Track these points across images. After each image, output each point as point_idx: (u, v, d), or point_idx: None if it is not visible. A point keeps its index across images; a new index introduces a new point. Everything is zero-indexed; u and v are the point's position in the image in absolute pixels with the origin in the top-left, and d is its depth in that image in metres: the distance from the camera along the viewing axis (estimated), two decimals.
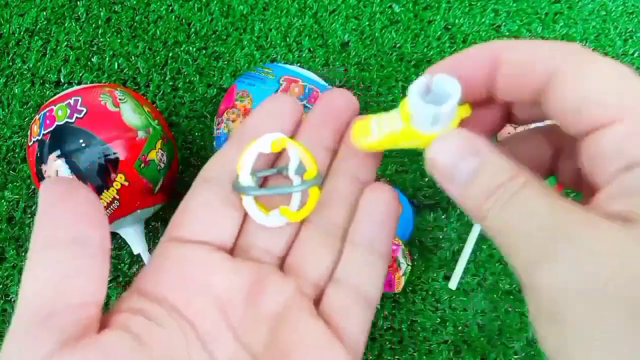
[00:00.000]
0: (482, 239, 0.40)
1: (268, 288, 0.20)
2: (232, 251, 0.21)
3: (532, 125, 0.21)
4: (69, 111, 0.33)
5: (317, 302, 0.21)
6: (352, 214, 0.21)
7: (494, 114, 0.20)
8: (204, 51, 0.45)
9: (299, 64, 0.45)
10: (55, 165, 0.33)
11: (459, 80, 0.17)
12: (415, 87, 0.18)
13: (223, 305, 0.19)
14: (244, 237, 0.21)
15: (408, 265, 0.37)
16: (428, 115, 0.17)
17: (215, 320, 0.18)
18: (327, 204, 0.21)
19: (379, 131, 0.20)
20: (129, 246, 0.39)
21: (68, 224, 0.17)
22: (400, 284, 0.36)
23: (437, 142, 0.18)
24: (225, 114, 0.36)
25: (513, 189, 0.16)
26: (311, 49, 0.45)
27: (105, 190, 0.33)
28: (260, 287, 0.19)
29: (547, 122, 0.20)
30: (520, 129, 0.31)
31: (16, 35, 0.46)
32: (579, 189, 0.20)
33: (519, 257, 0.15)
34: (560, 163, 0.20)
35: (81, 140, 0.33)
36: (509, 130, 0.35)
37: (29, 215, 0.41)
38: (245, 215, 0.21)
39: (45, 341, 0.15)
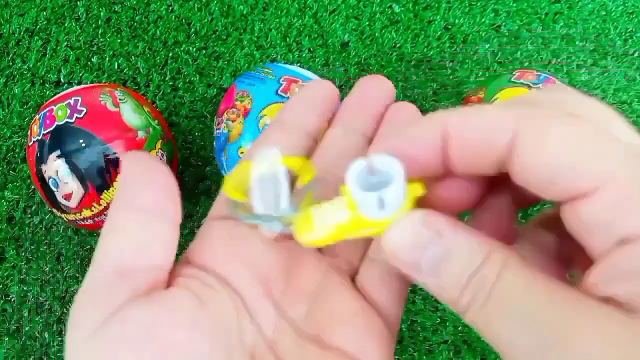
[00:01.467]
0: None
1: (305, 265, 0.20)
2: None
3: None
4: (69, 111, 0.33)
5: (352, 278, 0.21)
6: None
7: (464, 186, 0.17)
8: (204, 51, 0.45)
9: (299, 64, 0.45)
10: (55, 165, 0.33)
11: (402, 159, 0.15)
12: (354, 172, 0.16)
13: (266, 279, 0.19)
14: None
15: None
16: (372, 201, 0.15)
17: (260, 294, 0.19)
18: None
19: (323, 225, 0.17)
20: None
21: (150, 194, 0.18)
22: None
23: (392, 231, 0.16)
24: (225, 114, 0.36)
25: (489, 280, 0.14)
26: (311, 49, 0.45)
27: (105, 190, 0.33)
28: (298, 264, 0.20)
29: None
30: None
31: (16, 35, 0.46)
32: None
33: None
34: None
35: (81, 140, 0.33)
36: None
37: (29, 215, 0.41)
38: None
39: (121, 292, 0.16)
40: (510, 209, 0.18)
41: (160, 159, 0.36)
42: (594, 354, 0.12)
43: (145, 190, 0.18)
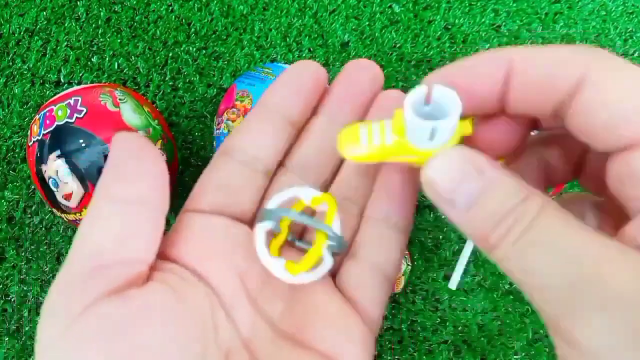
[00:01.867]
0: None
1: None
2: (251, 222, 0.21)
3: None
4: (69, 111, 0.33)
5: (334, 275, 0.20)
6: (370, 190, 0.21)
7: (510, 129, 0.17)
8: (204, 51, 0.45)
9: None
10: (55, 165, 0.33)
11: (460, 93, 0.15)
12: (411, 99, 0.15)
13: (242, 275, 0.19)
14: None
15: (408, 265, 0.37)
16: (424, 130, 0.15)
17: (236, 289, 0.19)
18: (345, 180, 0.21)
19: (369, 143, 0.17)
20: None
21: (133, 182, 0.17)
22: (400, 283, 0.36)
23: (435, 161, 0.16)
24: (225, 114, 0.36)
25: (528, 215, 0.14)
26: (311, 49, 0.45)
27: None
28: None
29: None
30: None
31: (16, 35, 0.46)
32: (602, 196, 0.18)
33: (548, 305, 0.13)
34: (584, 171, 0.18)
35: (81, 140, 0.33)
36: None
37: (29, 215, 0.41)
38: (268, 187, 0.21)
39: (96, 286, 0.16)
40: (538, 172, 0.18)
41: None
42: (629, 291, 0.12)
43: (132, 178, 0.18)
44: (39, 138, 0.34)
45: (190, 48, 0.45)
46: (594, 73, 0.14)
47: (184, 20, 0.46)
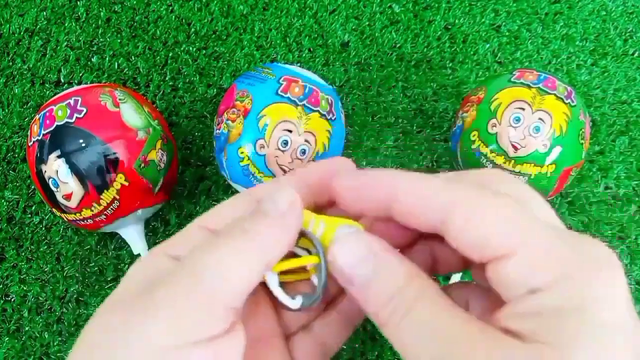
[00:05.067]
0: None
1: (249, 324, 0.20)
2: None
3: None
4: (69, 111, 0.33)
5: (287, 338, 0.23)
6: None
7: (400, 229, 0.20)
8: (204, 51, 0.45)
9: (299, 64, 0.45)
10: (55, 165, 0.33)
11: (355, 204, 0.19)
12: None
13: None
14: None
15: None
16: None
17: None
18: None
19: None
20: (129, 246, 0.39)
21: None
22: None
23: (337, 244, 0.19)
24: (225, 114, 0.36)
25: (408, 299, 0.17)
26: (311, 49, 0.45)
27: (105, 190, 0.33)
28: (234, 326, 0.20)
29: None
30: None
31: (16, 35, 0.46)
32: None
33: None
34: (472, 265, 0.21)
35: (81, 140, 0.33)
36: None
37: (29, 215, 0.41)
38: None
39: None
40: (430, 259, 0.22)
41: (160, 159, 0.36)
42: None
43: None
44: (39, 138, 0.34)
45: (190, 48, 0.45)
46: (458, 207, 0.17)
47: (184, 20, 0.46)
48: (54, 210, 0.36)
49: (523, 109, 0.34)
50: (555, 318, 0.16)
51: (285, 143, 0.34)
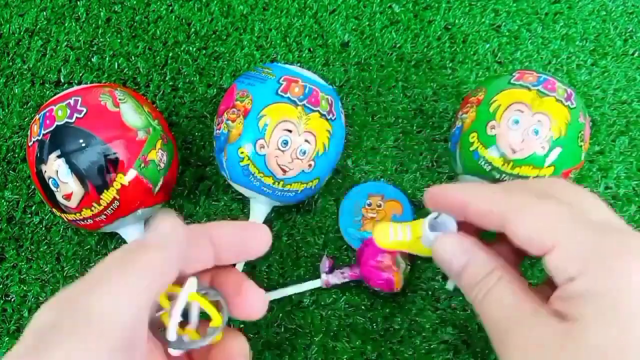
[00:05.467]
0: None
1: None
2: None
3: None
4: (69, 111, 0.33)
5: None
6: None
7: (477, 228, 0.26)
8: (204, 51, 0.45)
9: (299, 64, 0.45)
10: (55, 165, 0.33)
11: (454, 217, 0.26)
12: (428, 220, 0.26)
13: None
14: None
15: (407, 265, 0.37)
16: (431, 237, 0.26)
17: None
18: None
19: (395, 237, 0.28)
20: None
21: None
22: (399, 283, 0.36)
23: (440, 241, 0.26)
24: (225, 114, 0.36)
25: (489, 284, 0.24)
26: (311, 49, 0.45)
27: (105, 190, 0.33)
28: None
29: None
30: None
31: (16, 35, 0.46)
32: None
33: (492, 337, 0.23)
34: None
35: (81, 140, 0.33)
36: None
37: (29, 215, 0.41)
38: None
39: None
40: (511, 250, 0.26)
41: (160, 159, 0.36)
42: (538, 341, 0.21)
43: None
44: (39, 138, 0.34)
45: (190, 48, 0.45)
46: (513, 214, 0.23)
47: (184, 20, 0.46)
48: (54, 210, 0.36)
49: (522, 111, 0.34)
50: (582, 301, 0.20)
51: (285, 143, 0.34)
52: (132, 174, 0.34)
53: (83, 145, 0.33)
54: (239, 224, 0.24)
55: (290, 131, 0.34)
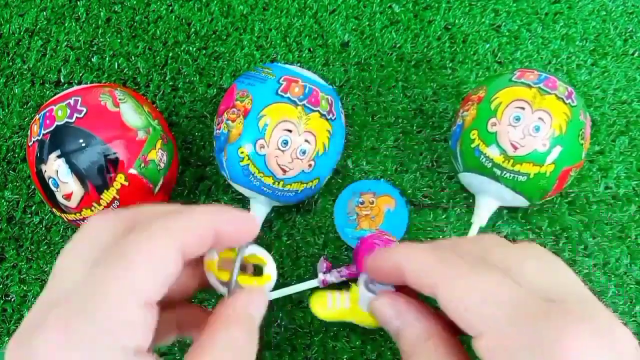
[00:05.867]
0: None
1: None
2: None
3: None
4: (69, 111, 0.33)
5: None
6: None
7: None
8: (204, 51, 0.45)
9: (299, 64, 0.45)
10: (55, 165, 0.33)
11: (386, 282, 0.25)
12: (363, 282, 0.26)
13: None
14: None
15: None
16: (367, 299, 0.26)
17: None
18: None
19: (333, 306, 0.29)
20: None
21: None
22: None
23: (372, 303, 0.25)
24: (225, 114, 0.36)
25: (425, 354, 0.23)
26: (311, 49, 0.45)
27: (105, 190, 0.33)
28: None
29: None
30: None
31: (16, 35, 0.46)
32: None
33: None
34: None
35: (81, 140, 0.33)
36: None
37: (29, 215, 0.41)
38: None
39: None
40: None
41: (160, 159, 0.36)
42: None
43: None
44: (39, 138, 0.34)
45: (190, 48, 0.45)
46: (440, 287, 0.21)
47: (184, 20, 0.46)
48: (54, 210, 0.36)
49: (523, 109, 0.34)
50: None
51: (286, 143, 0.34)
52: (132, 173, 0.34)
53: (83, 145, 0.33)
54: (235, 214, 0.24)
55: (290, 131, 0.34)
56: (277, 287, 0.39)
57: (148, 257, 0.20)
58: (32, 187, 0.42)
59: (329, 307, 0.29)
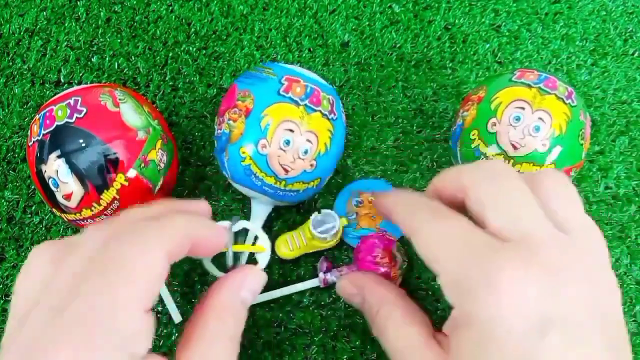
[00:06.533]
0: None
1: None
2: None
3: None
4: (69, 111, 0.33)
5: None
6: None
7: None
8: (204, 51, 0.45)
9: (299, 64, 0.45)
10: (55, 165, 0.33)
11: (338, 214, 0.35)
12: (312, 220, 0.36)
13: None
14: None
15: (405, 260, 0.37)
16: (321, 234, 0.35)
17: None
18: None
19: (293, 244, 0.37)
20: None
21: None
22: (397, 277, 0.36)
23: (338, 283, 0.32)
24: (226, 113, 0.36)
25: (384, 319, 0.27)
26: (311, 49, 0.45)
27: (105, 190, 0.33)
28: None
29: None
30: None
31: (16, 35, 0.46)
32: None
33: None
34: None
35: (81, 140, 0.33)
36: None
37: (29, 215, 0.41)
38: None
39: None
40: None
41: (160, 159, 0.36)
42: None
43: None
44: (39, 138, 0.34)
45: (190, 48, 0.45)
46: (412, 233, 0.25)
47: (184, 20, 0.46)
48: (54, 210, 0.36)
49: (523, 108, 0.34)
50: (457, 332, 0.21)
51: (288, 143, 0.34)
52: (132, 174, 0.34)
53: (83, 145, 0.33)
54: (209, 223, 0.27)
55: (292, 131, 0.34)
56: (277, 287, 0.39)
57: (146, 266, 0.21)
58: (32, 187, 0.42)
59: (290, 246, 0.36)
